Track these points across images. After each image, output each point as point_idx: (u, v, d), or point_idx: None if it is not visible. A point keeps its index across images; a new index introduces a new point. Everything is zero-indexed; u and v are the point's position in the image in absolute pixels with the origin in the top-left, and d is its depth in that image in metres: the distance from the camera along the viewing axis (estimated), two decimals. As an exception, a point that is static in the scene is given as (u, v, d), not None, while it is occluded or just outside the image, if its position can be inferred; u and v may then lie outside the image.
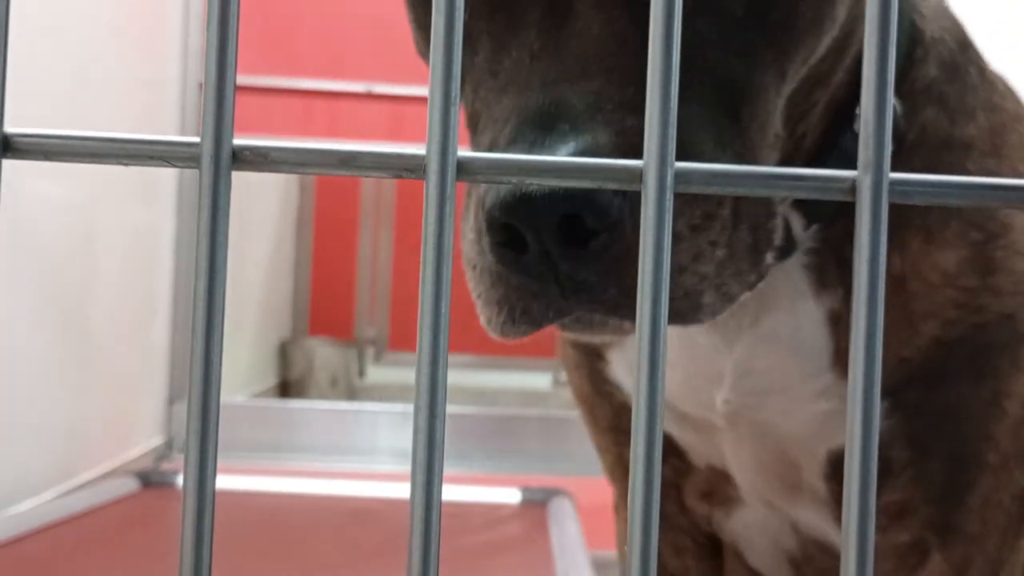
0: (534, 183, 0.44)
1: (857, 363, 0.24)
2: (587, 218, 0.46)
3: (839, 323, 0.66)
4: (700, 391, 0.72)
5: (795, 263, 0.66)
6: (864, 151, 0.23)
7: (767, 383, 0.69)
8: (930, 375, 0.65)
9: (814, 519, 0.75)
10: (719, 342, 0.69)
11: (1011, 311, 0.65)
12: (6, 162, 0.27)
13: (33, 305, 1.70)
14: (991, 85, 0.70)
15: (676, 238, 0.48)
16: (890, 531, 0.68)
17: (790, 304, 0.67)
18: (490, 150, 0.50)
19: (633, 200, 0.46)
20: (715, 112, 0.51)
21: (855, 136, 0.64)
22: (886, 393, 0.65)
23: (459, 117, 0.26)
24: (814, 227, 0.65)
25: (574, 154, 0.46)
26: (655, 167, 0.24)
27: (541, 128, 0.48)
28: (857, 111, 0.64)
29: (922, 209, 0.64)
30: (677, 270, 0.48)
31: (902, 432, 0.66)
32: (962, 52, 0.69)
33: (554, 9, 0.52)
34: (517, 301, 0.50)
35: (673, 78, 0.24)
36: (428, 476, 0.25)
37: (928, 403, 0.65)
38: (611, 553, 0.92)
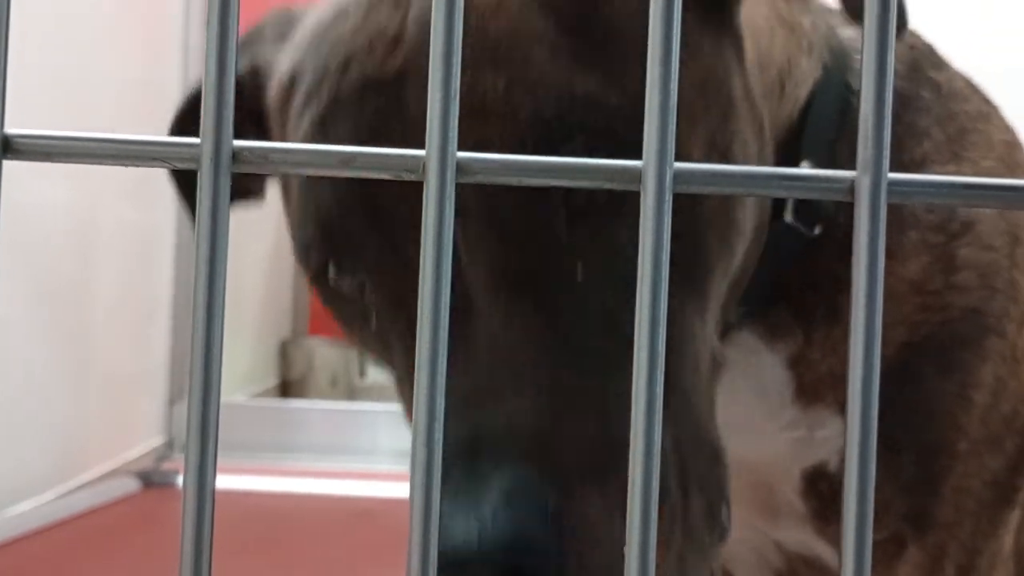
0: (462, 549, 0.41)
1: (856, 367, 0.24)
2: (526, 563, 0.43)
3: (799, 363, 0.67)
4: None
5: (741, 327, 0.67)
6: (863, 150, 0.23)
7: (731, 426, 0.70)
8: (898, 375, 0.66)
9: (797, 536, 0.75)
10: None
11: (975, 305, 0.66)
12: (6, 163, 0.27)
13: (33, 305, 1.70)
14: (950, 95, 0.71)
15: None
16: None
17: (744, 360, 0.68)
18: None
19: (572, 524, 0.44)
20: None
21: (784, 225, 0.64)
22: None
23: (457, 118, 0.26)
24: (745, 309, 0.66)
25: (504, 490, 0.44)
26: (654, 166, 0.24)
27: (464, 472, 0.45)
28: None
29: None
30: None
31: None
32: (911, 78, 0.70)
33: (455, 309, 0.50)
34: None
35: (672, 80, 0.24)
36: (427, 478, 0.25)
37: (896, 402, 0.66)
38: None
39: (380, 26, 0.53)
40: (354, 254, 0.53)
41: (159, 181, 0.83)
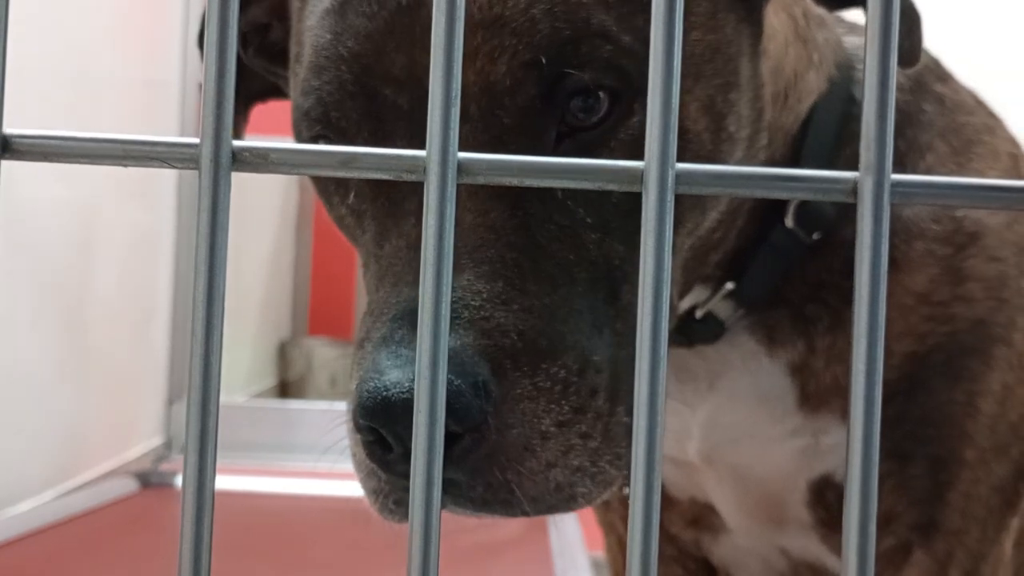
0: (393, 388, 0.45)
1: (858, 371, 0.24)
2: (448, 423, 0.46)
3: (801, 371, 0.68)
4: (670, 440, 0.73)
5: (740, 329, 0.68)
6: (865, 153, 0.23)
7: (736, 432, 0.71)
8: (906, 387, 0.66)
9: (803, 544, 0.76)
10: (680, 406, 0.71)
11: (982, 316, 0.67)
12: (5, 163, 0.27)
13: (33, 305, 1.70)
14: (955, 107, 0.71)
15: (543, 436, 0.48)
16: (877, 540, 0.69)
17: (743, 364, 0.69)
18: (363, 345, 0.50)
19: (498, 399, 0.47)
20: (592, 295, 0.52)
21: (785, 229, 0.65)
22: None
23: (458, 120, 0.26)
24: (742, 310, 0.67)
25: None
26: (656, 168, 0.24)
27: (410, 327, 0.48)
28: (788, 220, 0.65)
29: None
30: (546, 466, 0.48)
31: (883, 446, 0.66)
32: (916, 92, 0.70)
33: None
34: (390, 494, 0.51)
35: (674, 79, 0.24)
36: (428, 478, 0.25)
37: (906, 413, 0.67)
38: (611, 554, 0.92)
39: None
40: (345, 132, 0.55)
41: (159, 181, 0.83)
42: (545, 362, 0.49)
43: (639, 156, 0.25)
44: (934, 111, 0.70)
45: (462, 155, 0.25)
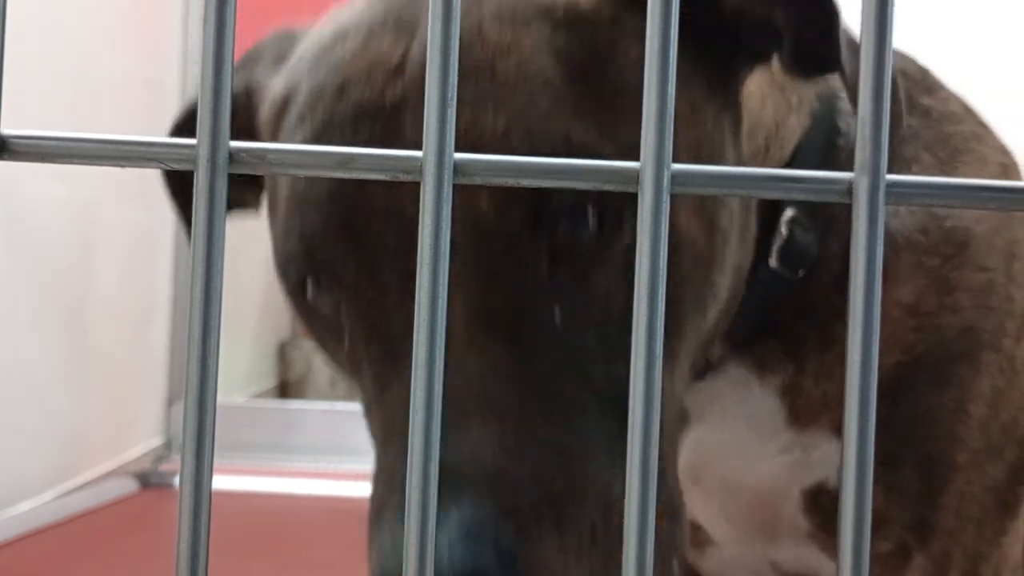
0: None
1: (853, 367, 0.24)
2: None
3: (791, 391, 0.67)
4: None
5: (729, 361, 0.67)
6: (861, 153, 0.23)
7: (725, 451, 0.71)
8: (894, 391, 0.66)
9: (798, 555, 0.75)
10: None
11: (970, 323, 0.66)
12: (3, 164, 0.27)
13: (32, 306, 1.70)
14: (942, 118, 0.70)
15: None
16: (872, 543, 0.68)
17: (732, 391, 0.68)
18: (381, 514, 0.49)
19: (524, 565, 0.45)
20: (602, 424, 0.50)
21: (770, 270, 0.64)
22: None
23: (454, 120, 0.26)
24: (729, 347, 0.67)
25: (462, 524, 0.44)
26: (651, 168, 0.24)
27: None
28: (782, 227, 0.65)
29: None
30: None
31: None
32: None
33: None
34: None
35: (670, 80, 0.24)
36: (424, 479, 0.25)
37: (895, 416, 0.66)
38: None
39: (381, 54, 0.53)
40: (333, 274, 0.53)
41: (158, 181, 0.83)
42: (568, 509, 0.47)
43: (633, 273, 0.24)
44: (919, 124, 0.69)
45: (459, 156, 0.25)
